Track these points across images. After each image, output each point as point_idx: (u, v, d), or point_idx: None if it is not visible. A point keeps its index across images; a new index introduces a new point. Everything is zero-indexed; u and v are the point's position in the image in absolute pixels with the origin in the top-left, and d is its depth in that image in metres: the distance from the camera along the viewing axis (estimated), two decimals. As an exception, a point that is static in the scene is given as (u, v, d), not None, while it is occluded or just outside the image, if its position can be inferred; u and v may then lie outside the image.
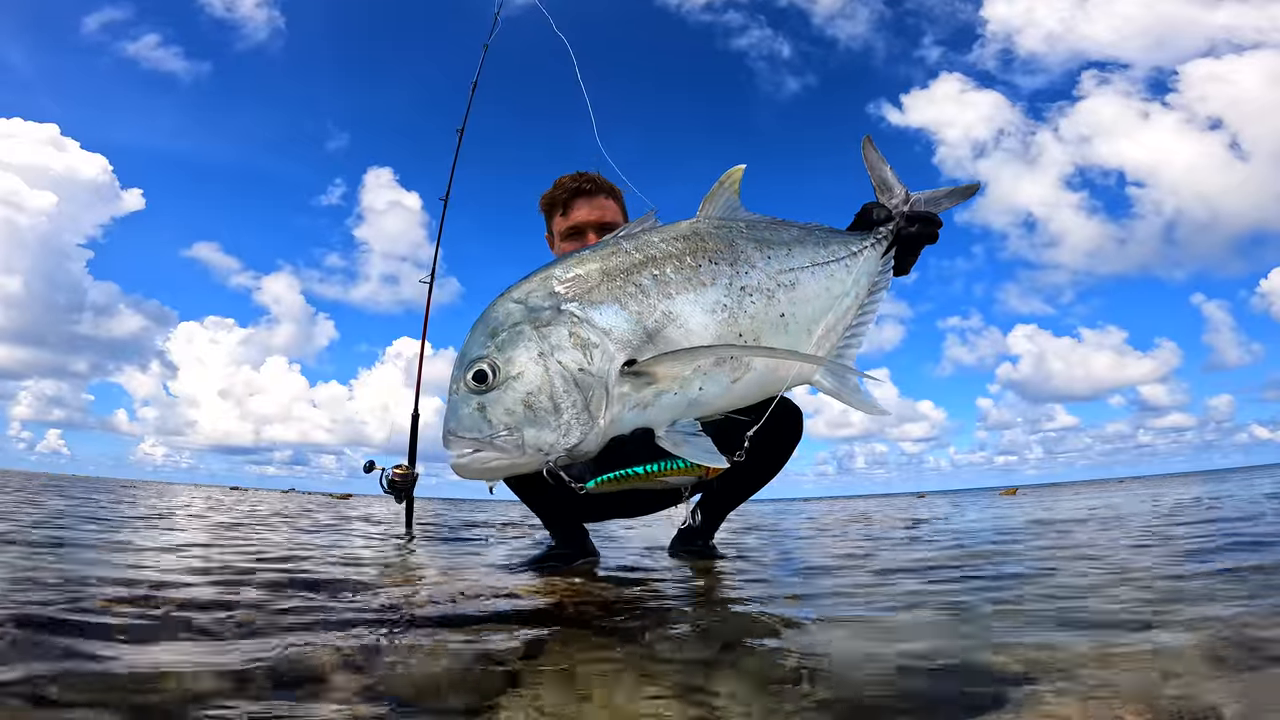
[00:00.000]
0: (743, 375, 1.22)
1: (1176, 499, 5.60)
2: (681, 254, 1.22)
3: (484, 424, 1.16)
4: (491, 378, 1.16)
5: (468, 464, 1.19)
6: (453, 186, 3.63)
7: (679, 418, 1.22)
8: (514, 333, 1.17)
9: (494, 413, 1.16)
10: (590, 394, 1.14)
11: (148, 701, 0.76)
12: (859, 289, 1.35)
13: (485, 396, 1.17)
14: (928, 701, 0.77)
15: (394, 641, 1.05)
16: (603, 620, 1.24)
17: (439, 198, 3.65)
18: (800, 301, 1.27)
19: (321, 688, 0.81)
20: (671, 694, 0.79)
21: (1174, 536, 2.45)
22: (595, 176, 2.00)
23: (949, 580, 1.65)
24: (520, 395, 1.15)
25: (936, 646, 0.99)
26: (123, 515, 4.11)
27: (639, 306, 1.17)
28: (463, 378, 1.18)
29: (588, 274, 1.20)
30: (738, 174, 1.34)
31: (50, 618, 1.13)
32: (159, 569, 1.80)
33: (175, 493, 12.33)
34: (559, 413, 1.14)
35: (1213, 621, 1.06)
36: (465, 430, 1.18)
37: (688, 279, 1.20)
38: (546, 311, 1.17)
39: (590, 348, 1.15)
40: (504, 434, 1.16)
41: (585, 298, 1.18)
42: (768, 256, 1.27)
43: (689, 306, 1.19)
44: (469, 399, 1.18)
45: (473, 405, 1.18)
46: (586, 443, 1.17)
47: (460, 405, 1.19)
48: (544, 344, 1.16)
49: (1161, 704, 0.71)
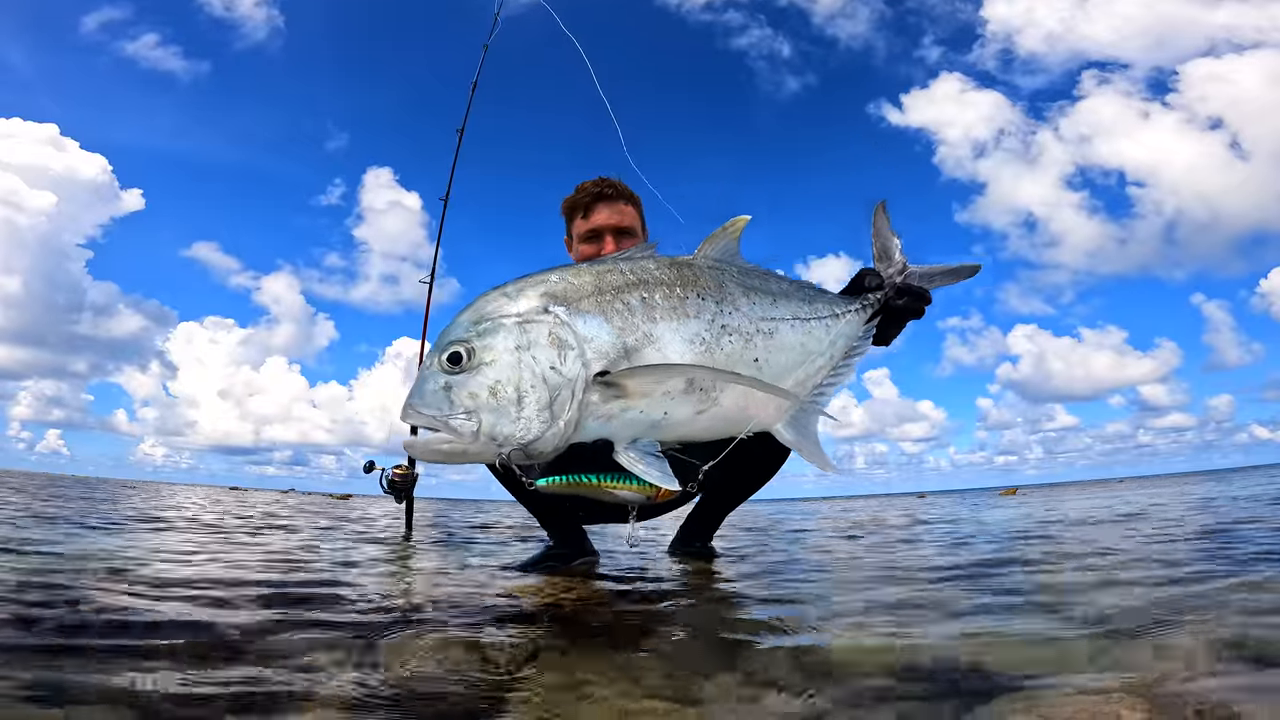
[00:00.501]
0: (708, 409, 1.25)
1: (1179, 498, 5.60)
2: (672, 283, 1.26)
3: (445, 403, 1.18)
4: (465, 360, 1.18)
5: (416, 442, 1.23)
6: (453, 186, 3.63)
7: (640, 437, 1.25)
8: (496, 323, 1.20)
9: (458, 394, 1.18)
10: (556, 394, 1.16)
11: (147, 701, 0.76)
12: (835, 350, 1.40)
13: (454, 378, 1.18)
14: (928, 701, 0.77)
15: (393, 641, 1.05)
16: (601, 620, 1.24)
17: (439, 198, 3.65)
18: (775, 350, 1.31)
19: (321, 688, 0.81)
20: (670, 694, 0.79)
21: (1176, 536, 2.45)
22: (616, 183, 2.03)
23: (949, 580, 1.65)
24: (488, 382, 1.17)
25: (936, 646, 0.99)
26: (123, 516, 4.11)
27: (622, 323, 1.21)
28: (437, 357, 1.20)
29: (580, 284, 1.23)
30: (741, 223, 1.38)
31: (49, 620, 1.14)
32: (159, 570, 1.80)
33: (175, 493, 12.33)
34: (521, 406, 1.16)
35: (1213, 621, 1.06)
36: (424, 405, 1.19)
37: (673, 307, 1.24)
38: (532, 310, 1.20)
39: (565, 349, 1.17)
40: (462, 416, 1.17)
41: (573, 305, 1.21)
42: (753, 302, 1.31)
43: (670, 333, 1.22)
44: (437, 376, 1.20)
45: (440, 383, 1.19)
46: (542, 442, 1.18)
47: (427, 381, 1.20)
48: (522, 338, 1.18)
49: (1162, 704, 0.71)
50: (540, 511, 2.14)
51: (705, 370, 1.22)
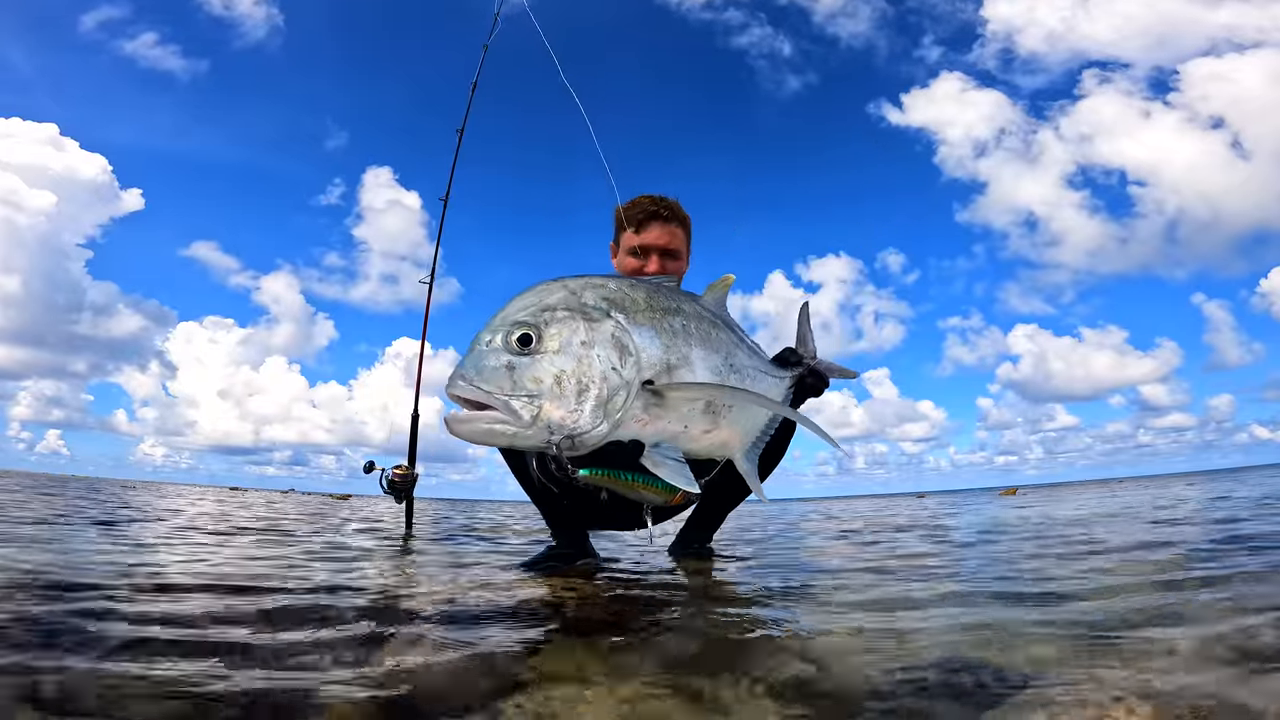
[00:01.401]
0: (712, 431, 1.38)
1: (1182, 497, 5.60)
2: (700, 317, 1.40)
3: (507, 382, 1.16)
4: (534, 343, 1.17)
5: (469, 418, 1.17)
6: (452, 186, 3.63)
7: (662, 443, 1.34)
8: (566, 314, 1.22)
9: (522, 376, 1.16)
10: (613, 394, 1.20)
11: (147, 701, 0.76)
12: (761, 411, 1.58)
13: (519, 359, 1.17)
14: (928, 701, 0.76)
15: (394, 641, 1.05)
16: (602, 620, 1.24)
17: (439, 198, 3.65)
18: None
19: (321, 689, 0.81)
20: (671, 694, 0.79)
21: (1177, 535, 2.44)
22: (673, 204, 2.07)
23: (949, 579, 1.65)
24: (554, 369, 1.17)
25: (937, 646, 0.99)
26: (122, 517, 4.11)
27: (668, 341, 1.29)
28: (503, 334, 1.18)
29: (636, 298, 1.31)
30: (730, 281, 1.58)
31: (48, 621, 1.13)
32: (159, 570, 1.80)
33: (175, 493, 12.33)
34: (581, 399, 1.17)
35: (1214, 621, 1.06)
36: (483, 380, 1.16)
37: (703, 339, 1.37)
38: (597, 311, 1.24)
39: (625, 354, 1.22)
40: (524, 399, 1.15)
41: (631, 315, 1.27)
42: (745, 352, 1.51)
43: (699, 360, 1.33)
44: (500, 354, 1.18)
45: (502, 361, 1.17)
46: (590, 436, 1.20)
47: (486, 357, 1.18)
48: (589, 335, 1.21)
49: (1162, 704, 0.71)
50: (547, 510, 2.14)
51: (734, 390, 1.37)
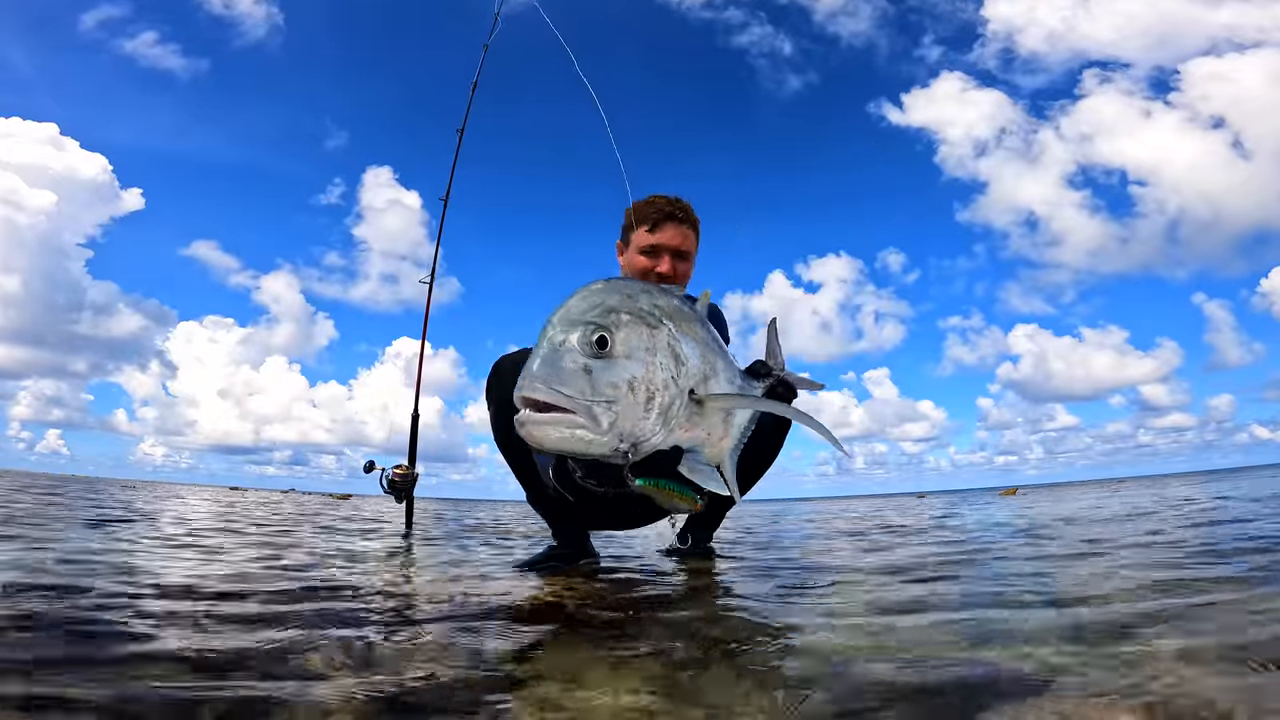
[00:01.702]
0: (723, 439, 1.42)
1: (1185, 497, 5.60)
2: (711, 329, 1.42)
3: (587, 386, 1.11)
4: (609, 347, 1.14)
5: (547, 421, 1.10)
6: (452, 186, 3.64)
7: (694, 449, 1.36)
8: (631, 319, 1.19)
9: (600, 380, 1.12)
10: (672, 402, 1.20)
11: (148, 703, 0.75)
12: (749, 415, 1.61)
13: (596, 363, 1.13)
14: (928, 701, 0.76)
15: (394, 641, 1.05)
16: (602, 619, 1.24)
17: (439, 198, 3.65)
18: None
19: (322, 688, 0.81)
20: (671, 692, 0.79)
21: (1177, 535, 2.44)
22: (687, 206, 2.09)
23: (949, 580, 1.64)
24: (628, 376, 1.14)
25: (937, 646, 0.99)
26: (122, 517, 4.11)
27: (705, 352, 1.30)
28: (579, 335, 1.14)
29: (676, 307, 1.30)
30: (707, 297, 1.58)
31: (47, 622, 1.13)
32: (159, 572, 1.80)
33: (175, 493, 12.33)
34: (649, 407, 1.16)
35: (1214, 621, 1.06)
36: (563, 384, 1.11)
37: (722, 351, 1.41)
38: (651, 318, 1.22)
39: (679, 363, 1.22)
40: (602, 405, 1.11)
41: (679, 325, 1.26)
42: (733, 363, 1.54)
43: (722, 371, 1.37)
44: (576, 356, 1.13)
45: (579, 364, 1.12)
46: (650, 444, 1.19)
47: (564, 358, 1.13)
48: (651, 342, 1.19)
49: (1162, 704, 0.71)
50: (547, 511, 2.15)
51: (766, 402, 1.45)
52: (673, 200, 2.06)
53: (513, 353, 1.99)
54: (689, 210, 2.08)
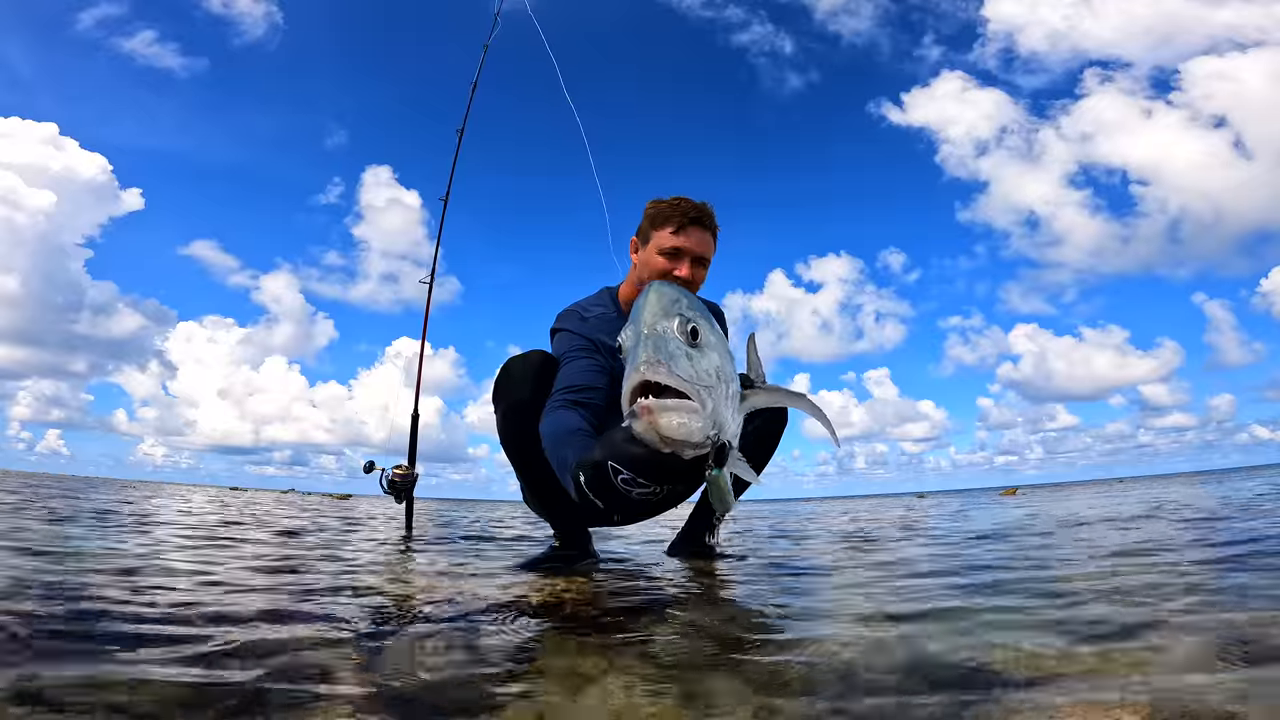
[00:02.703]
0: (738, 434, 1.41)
1: (1184, 497, 5.59)
2: None
3: (693, 371, 1.13)
4: (699, 338, 1.19)
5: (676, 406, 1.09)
6: (452, 186, 3.63)
7: None
8: (701, 315, 1.23)
9: (701, 366, 1.16)
10: (735, 396, 1.26)
11: (147, 705, 0.75)
12: None
13: (694, 351, 1.16)
14: (928, 702, 0.76)
15: (395, 642, 1.05)
16: (603, 620, 1.24)
17: (439, 198, 3.65)
18: None
19: (322, 688, 0.81)
20: (672, 694, 0.79)
21: (1177, 534, 2.44)
22: (712, 213, 2.09)
23: (950, 580, 1.64)
24: (715, 364, 1.19)
25: (937, 647, 0.99)
26: (122, 517, 4.11)
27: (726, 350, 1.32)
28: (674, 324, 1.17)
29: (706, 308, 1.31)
30: None
31: (47, 622, 1.13)
32: (158, 570, 1.80)
33: (175, 494, 12.33)
34: (729, 395, 1.22)
35: (1214, 621, 1.06)
36: (680, 369, 1.12)
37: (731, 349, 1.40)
38: (708, 318, 1.26)
39: (730, 358, 1.28)
40: (704, 390, 1.14)
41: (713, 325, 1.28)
42: None
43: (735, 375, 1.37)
44: (678, 343, 1.15)
45: (682, 350, 1.15)
46: (729, 431, 1.21)
47: (672, 344, 1.15)
48: (716, 337, 1.25)
49: (1162, 704, 0.70)
50: (548, 512, 2.15)
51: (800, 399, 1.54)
52: (699, 205, 2.05)
53: (521, 355, 1.99)
54: (713, 217, 2.07)
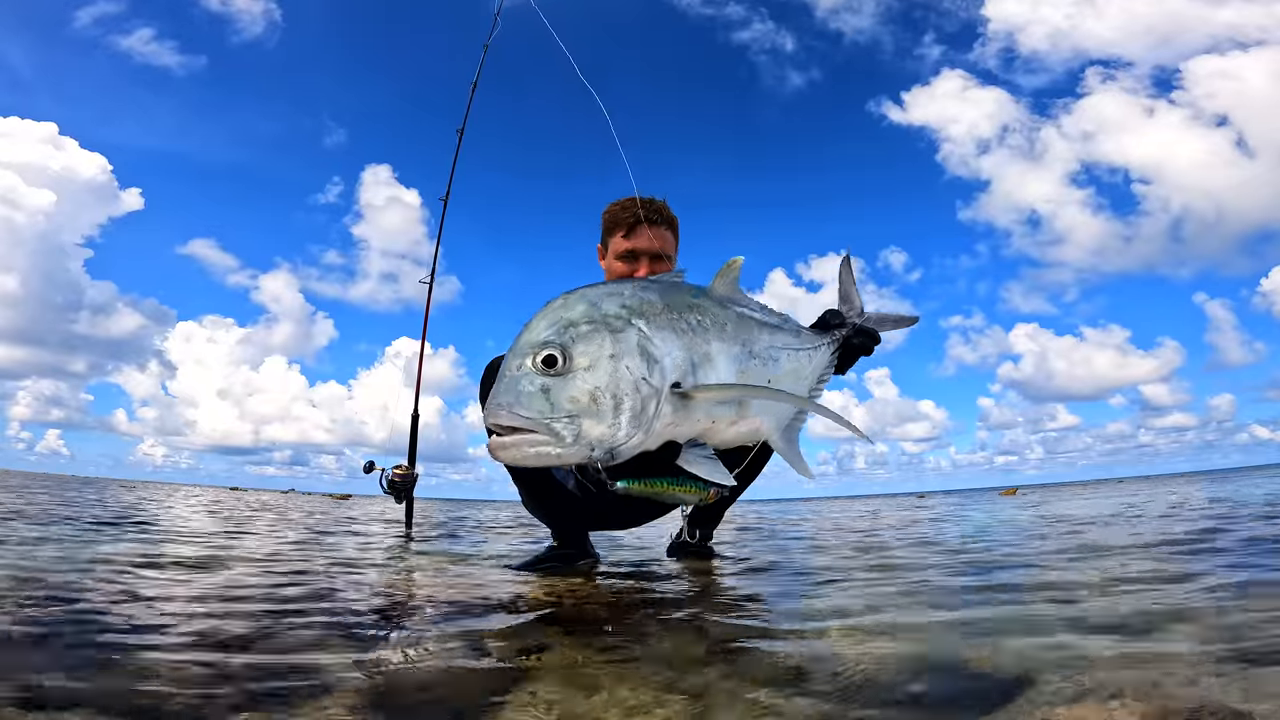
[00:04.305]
0: (739, 422, 1.38)
1: (1185, 497, 5.59)
2: (714, 309, 1.39)
3: (546, 405, 1.15)
4: (562, 364, 1.17)
5: (513, 443, 1.16)
6: (452, 185, 3.63)
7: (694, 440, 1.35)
8: (590, 329, 1.21)
9: (558, 396, 1.16)
10: (647, 402, 1.20)
11: (147, 703, 0.75)
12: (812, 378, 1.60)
13: (552, 380, 1.16)
14: (927, 702, 0.76)
15: (394, 641, 1.05)
16: (603, 620, 1.24)
17: (439, 198, 3.65)
18: (781, 375, 1.47)
19: (323, 689, 0.80)
20: (671, 694, 0.79)
21: (1177, 535, 2.44)
22: (662, 206, 2.05)
23: (950, 579, 1.64)
24: (589, 386, 1.17)
25: (937, 647, 0.99)
26: (123, 517, 4.11)
27: (689, 341, 1.29)
28: (530, 358, 1.18)
29: (652, 301, 1.29)
30: (739, 263, 1.53)
31: (47, 620, 1.13)
32: (159, 570, 1.80)
33: (175, 494, 12.33)
34: (618, 412, 1.18)
35: (1214, 620, 1.06)
36: (523, 408, 1.15)
37: (720, 331, 1.36)
38: (618, 320, 1.23)
39: (653, 363, 1.22)
40: (564, 420, 1.15)
41: (651, 320, 1.26)
42: (764, 332, 1.48)
43: (719, 354, 1.33)
44: (532, 378, 1.17)
45: (536, 385, 1.16)
46: (628, 446, 1.21)
47: (522, 382, 1.17)
48: (616, 347, 1.20)
49: (1161, 704, 0.70)
50: (546, 512, 2.14)
51: (766, 390, 1.37)
52: (646, 202, 2.01)
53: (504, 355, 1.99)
54: (664, 209, 2.03)
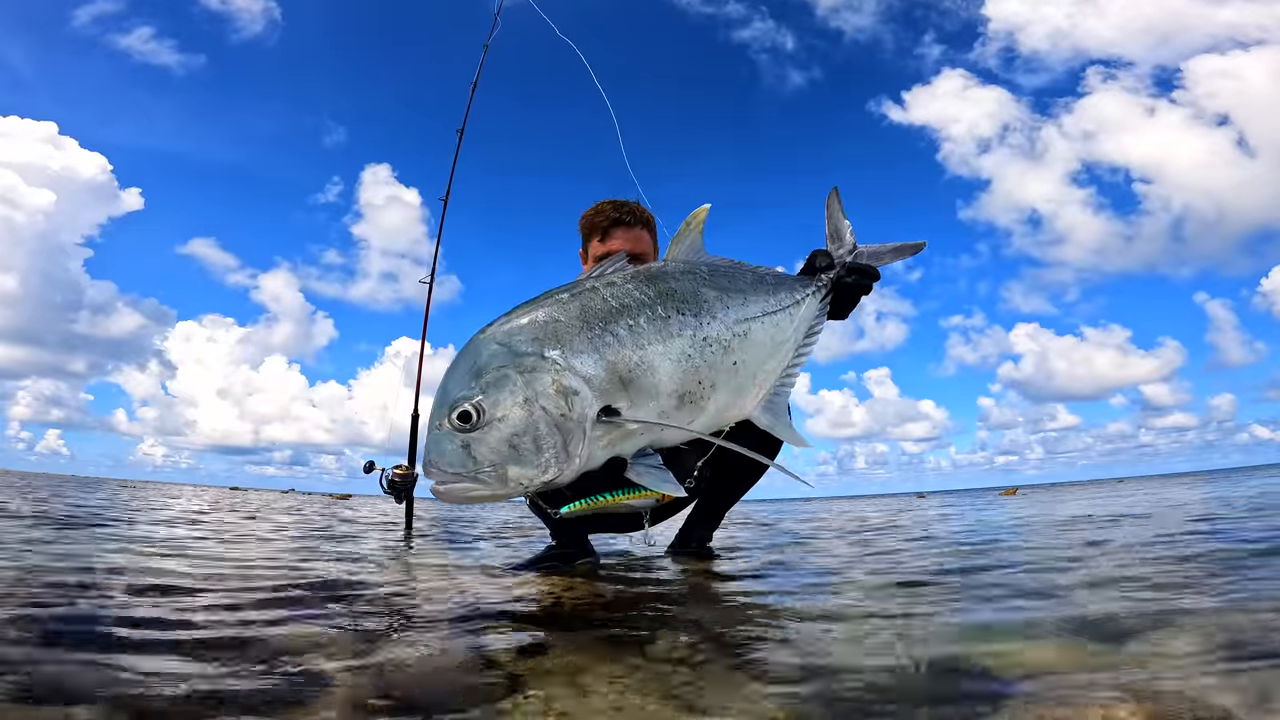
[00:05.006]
0: (698, 416, 1.36)
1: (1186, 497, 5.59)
2: (653, 304, 1.31)
3: (468, 460, 1.21)
4: (476, 418, 1.19)
5: (447, 490, 1.23)
6: (452, 185, 3.63)
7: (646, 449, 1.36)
8: (499, 375, 1.21)
9: (478, 450, 1.20)
10: (569, 436, 1.21)
11: (148, 705, 0.75)
12: (798, 334, 1.52)
13: (470, 435, 1.20)
14: (927, 702, 0.76)
15: (394, 641, 1.05)
16: (602, 620, 1.24)
17: (439, 198, 3.65)
18: (750, 349, 1.41)
19: (323, 689, 0.81)
20: (671, 693, 0.79)
21: (1176, 535, 2.44)
22: (634, 207, 2.05)
23: (949, 580, 1.64)
24: (505, 436, 1.20)
25: (935, 647, 0.99)
26: (123, 516, 4.11)
27: (615, 356, 1.25)
28: (447, 416, 1.21)
29: (569, 320, 1.26)
30: (703, 214, 1.46)
31: (48, 619, 1.13)
32: (160, 570, 1.80)
33: (175, 493, 12.33)
34: (540, 452, 1.20)
35: (1214, 621, 1.06)
36: (448, 465, 1.21)
37: (658, 330, 1.30)
38: (530, 358, 1.22)
39: (571, 395, 1.21)
40: (487, 470, 1.21)
41: (567, 345, 1.24)
42: (727, 306, 1.39)
43: (658, 357, 1.29)
44: (452, 436, 1.21)
45: (456, 443, 1.21)
46: (562, 478, 1.24)
47: (444, 441, 1.22)
48: (529, 390, 1.21)
49: (1161, 706, 0.70)
50: (547, 518, 2.15)
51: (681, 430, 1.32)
52: (618, 204, 2.03)
53: None
54: (637, 210, 2.03)
